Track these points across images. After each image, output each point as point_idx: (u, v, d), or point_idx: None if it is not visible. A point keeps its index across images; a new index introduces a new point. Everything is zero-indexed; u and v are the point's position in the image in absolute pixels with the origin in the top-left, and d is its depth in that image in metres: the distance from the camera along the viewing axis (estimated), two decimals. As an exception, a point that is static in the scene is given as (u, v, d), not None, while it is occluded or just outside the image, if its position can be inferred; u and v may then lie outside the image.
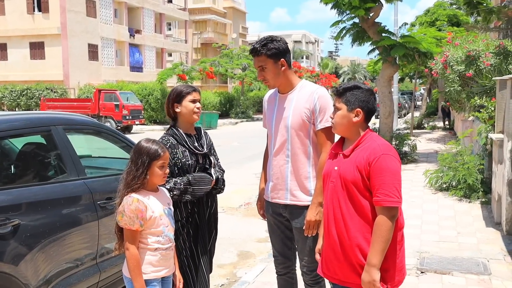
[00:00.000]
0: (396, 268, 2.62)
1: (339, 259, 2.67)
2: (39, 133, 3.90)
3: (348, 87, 2.72)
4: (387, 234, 2.49)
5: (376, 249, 2.50)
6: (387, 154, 2.55)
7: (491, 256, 5.53)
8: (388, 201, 2.48)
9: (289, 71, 3.31)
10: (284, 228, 3.50)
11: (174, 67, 32.26)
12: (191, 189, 3.27)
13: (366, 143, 2.63)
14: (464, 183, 8.29)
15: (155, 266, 2.83)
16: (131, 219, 2.72)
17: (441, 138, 19.33)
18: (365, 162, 2.56)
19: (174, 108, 3.43)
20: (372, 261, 2.50)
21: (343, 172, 2.64)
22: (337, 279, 2.73)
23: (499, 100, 7.07)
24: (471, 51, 11.37)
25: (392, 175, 2.51)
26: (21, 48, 37.68)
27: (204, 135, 3.59)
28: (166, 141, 3.36)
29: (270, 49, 3.19)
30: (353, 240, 2.60)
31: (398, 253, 2.64)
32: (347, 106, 2.68)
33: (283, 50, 3.24)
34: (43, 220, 3.43)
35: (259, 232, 7.23)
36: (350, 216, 2.61)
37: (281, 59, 3.24)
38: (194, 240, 3.40)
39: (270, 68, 3.23)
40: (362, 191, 2.58)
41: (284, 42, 3.29)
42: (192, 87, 3.48)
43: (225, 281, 5.37)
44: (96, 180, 4.14)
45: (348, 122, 2.69)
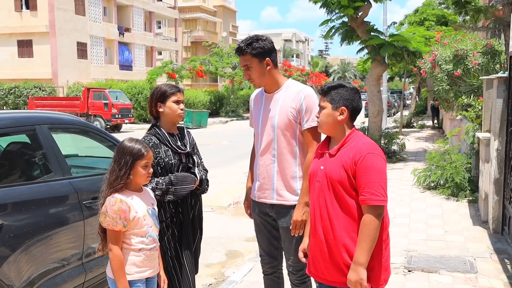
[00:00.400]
0: (381, 267, 2.63)
1: (325, 259, 2.67)
2: (23, 132, 3.86)
3: (332, 86, 2.72)
4: (373, 233, 2.50)
5: (363, 248, 2.50)
6: (372, 153, 2.56)
7: (478, 255, 5.57)
8: (374, 200, 2.49)
9: (275, 70, 3.30)
10: (270, 228, 3.49)
11: (164, 66, 32.13)
12: (173, 189, 3.26)
13: (352, 142, 2.64)
14: (452, 182, 8.34)
15: (139, 267, 2.81)
16: (114, 219, 2.70)
17: (430, 137, 19.42)
18: (350, 161, 2.56)
19: (157, 108, 3.40)
20: (359, 260, 2.51)
21: (329, 172, 2.64)
22: (324, 279, 2.73)
23: (486, 99, 7.12)
24: (459, 50, 11.44)
25: (378, 174, 2.52)
26: (8, 46, 37.31)
27: (187, 134, 3.57)
28: (148, 141, 3.33)
29: (255, 48, 3.19)
30: (339, 239, 2.60)
31: (384, 252, 2.64)
32: (332, 104, 2.68)
33: (268, 49, 3.23)
34: (27, 221, 3.40)
35: (247, 231, 7.21)
36: (336, 215, 2.61)
37: (266, 58, 3.23)
38: (178, 241, 3.39)
39: (255, 67, 3.23)
40: (348, 190, 2.58)
41: (270, 42, 3.27)
42: (176, 87, 3.45)
43: (213, 280, 5.36)
44: (82, 179, 4.10)
45: (333, 121, 2.69)
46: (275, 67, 3.30)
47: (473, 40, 12.11)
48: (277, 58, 3.36)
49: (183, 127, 3.62)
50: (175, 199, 3.31)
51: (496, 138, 6.25)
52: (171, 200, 3.30)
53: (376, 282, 2.61)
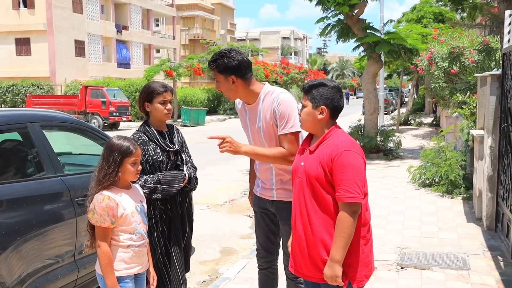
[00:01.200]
0: (360, 263, 2.64)
1: (304, 254, 2.71)
2: (15, 130, 3.87)
3: (313, 84, 2.74)
4: (348, 230, 2.52)
5: (338, 244, 2.53)
6: (349, 150, 2.58)
7: (471, 252, 5.59)
8: (348, 197, 2.51)
9: (243, 84, 3.25)
10: (269, 222, 3.55)
11: (162, 64, 32.04)
12: (161, 188, 3.29)
13: (331, 139, 2.67)
14: (447, 179, 8.36)
15: (128, 263, 2.83)
16: (102, 216, 2.72)
17: (427, 134, 19.44)
18: (328, 158, 2.59)
19: (144, 107, 3.44)
20: (334, 257, 2.54)
21: (307, 168, 2.67)
22: (302, 274, 2.78)
23: (480, 96, 7.13)
24: (454, 48, 11.45)
25: (354, 171, 2.54)
26: (6, 44, 37.25)
27: (176, 132, 3.60)
28: (137, 138, 3.37)
29: (219, 65, 3.19)
30: (317, 235, 2.64)
31: (363, 248, 2.66)
32: (312, 103, 2.71)
33: (233, 67, 3.19)
34: (19, 218, 3.41)
35: (242, 229, 7.24)
36: (315, 212, 2.64)
37: (231, 75, 3.20)
38: (168, 238, 3.41)
39: (222, 83, 3.25)
40: (325, 186, 2.61)
41: (236, 59, 3.20)
42: (163, 87, 3.45)
43: (206, 277, 5.37)
44: (74, 177, 4.12)
45: (313, 119, 2.72)
46: (244, 81, 3.25)
47: (470, 37, 12.11)
48: (248, 72, 3.26)
49: (172, 125, 3.65)
50: (163, 197, 3.33)
51: (490, 136, 6.27)
52: (159, 198, 3.32)
53: (354, 278, 2.63)
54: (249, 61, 3.28)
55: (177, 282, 3.41)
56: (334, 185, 2.58)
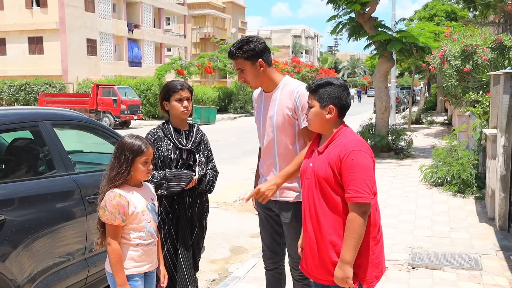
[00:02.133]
0: (370, 264, 2.62)
1: (314, 256, 2.70)
2: (26, 128, 3.89)
3: (320, 84, 2.70)
4: (359, 230, 2.50)
5: (348, 245, 2.51)
6: (358, 150, 2.55)
7: (483, 252, 5.53)
8: (358, 197, 2.49)
9: (269, 69, 3.28)
10: (273, 223, 3.51)
11: (173, 62, 32.13)
12: (166, 184, 3.31)
13: (339, 139, 2.64)
14: (459, 178, 8.28)
15: (137, 262, 2.83)
16: (113, 214, 2.72)
17: (438, 133, 19.30)
18: (336, 159, 2.56)
19: (163, 106, 3.49)
20: (345, 258, 2.52)
21: (316, 169, 2.65)
22: (313, 276, 2.76)
23: (493, 95, 7.05)
24: (467, 46, 11.34)
25: (363, 171, 2.51)
26: (19, 43, 37.59)
27: (196, 132, 3.62)
28: (154, 133, 3.47)
29: (246, 51, 3.17)
30: (326, 237, 2.62)
31: (373, 249, 2.63)
32: (320, 103, 2.68)
33: (260, 50, 3.21)
34: (30, 216, 3.43)
35: (253, 227, 7.22)
36: (324, 213, 2.62)
37: (259, 59, 3.21)
38: (175, 237, 3.43)
39: (248, 70, 3.22)
40: (334, 187, 2.58)
41: (261, 42, 3.24)
42: (180, 85, 3.48)
43: (216, 276, 5.38)
44: (85, 175, 4.14)
45: (321, 119, 2.69)
46: (269, 66, 3.28)
47: (483, 35, 12.00)
48: (271, 57, 3.32)
49: (194, 125, 3.68)
50: (168, 194, 3.35)
51: (503, 135, 6.20)
52: (164, 195, 3.35)
53: (364, 279, 2.61)
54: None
55: (183, 282, 3.41)
56: (343, 186, 2.55)
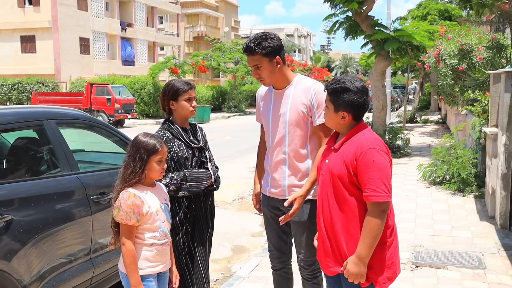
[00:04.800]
0: (382, 265, 2.60)
1: (327, 252, 2.70)
2: (31, 127, 3.84)
3: (335, 89, 2.63)
4: (376, 230, 2.48)
5: (365, 242, 2.49)
6: (374, 148, 2.52)
7: (486, 250, 5.54)
8: (376, 196, 2.47)
9: (284, 67, 3.24)
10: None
11: (167, 61, 32.06)
12: (187, 185, 3.26)
13: (355, 138, 2.61)
14: (458, 177, 8.29)
15: (151, 262, 2.80)
16: (128, 214, 2.69)
17: (434, 131, 19.36)
18: (352, 157, 2.54)
19: (169, 106, 3.42)
20: (361, 254, 2.50)
21: (331, 166, 2.64)
22: (325, 270, 2.77)
23: (492, 93, 7.07)
24: (463, 45, 11.37)
25: (379, 170, 2.49)
26: (11, 41, 37.33)
27: (199, 130, 3.60)
28: (162, 135, 3.36)
29: (265, 47, 3.11)
30: (338, 234, 2.61)
31: (387, 250, 2.61)
32: (334, 107, 2.65)
33: (278, 47, 3.17)
34: (36, 216, 3.39)
35: (253, 227, 7.21)
36: (336, 211, 2.61)
37: (276, 56, 3.16)
38: (191, 237, 3.39)
39: (265, 67, 3.15)
40: (348, 186, 2.56)
41: (278, 39, 3.21)
42: (188, 84, 3.43)
43: (219, 275, 5.35)
44: (89, 174, 4.10)
45: (336, 122, 2.69)
46: (284, 63, 3.24)
47: (478, 34, 12.04)
48: (285, 52, 3.29)
49: (195, 123, 3.64)
50: (189, 195, 3.30)
51: (504, 133, 6.21)
52: (185, 196, 3.29)
53: (376, 281, 2.60)
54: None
55: (200, 282, 3.38)
56: (360, 185, 2.53)
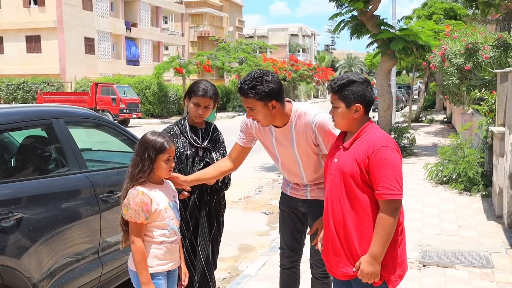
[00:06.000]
0: (394, 263, 2.60)
1: (336, 253, 2.67)
2: (40, 126, 3.85)
3: (343, 84, 2.63)
4: (389, 228, 2.48)
5: (379, 241, 2.48)
6: (386, 146, 2.53)
7: (493, 250, 5.52)
8: (389, 194, 2.47)
9: (281, 108, 3.00)
10: (296, 220, 3.47)
11: (171, 61, 31.99)
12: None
13: (366, 135, 2.61)
14: (465, 176, 8.27)
15: (161, 260, 2.80)
16: (136, 212, 2.69)
17: (439, 131, 19.32)
18: (364, 155, 2.53)
19: (185, 101, 3.50)
20: (375, 253, 2.49)
21: (341, 165, 2.62)
22: (333, 272, 2.74)
23: (500, 93, 7.05)
24: (469, 44, 11.34)
25: (392, 168, 2.49)
26: (17, 41, 37.46)
27: (212, 131, 3.63)
28: (170, 129, 3.49)
29: (259, 92, 2.87)
30: (350, 234, 2.59)
31: (398, 248, 2.61)
32: (345, 103, 2.63)
33: (275, 91, 2.91)
34: (45, 214, 3.40)
35: (259, 226, 7.22)
36: (348, 210, 2.60)
37: (272, 101, 2.92)
38: (194, 234, 3.42)
39: (259, 110, 2.94)
40: (360, 184, 2.56)
41: (276, 81, 2.93)
42: (203, 91, 3.41)
43: (226, 274, 5.36)
44: (97, 173, 4.09)
45: (349, 119, 2.65)
46: (282, 104, 3.00)
47: (483, 33, 12.00)
48: (284, 94, 3.03)
49: (211, 124, 3.67)
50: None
51: (511, 132, 6.19)
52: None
53: (389, 279, 2.59)
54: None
55: (205, 281, 3.41)
56: (372, 183, 2.52)
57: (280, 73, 44.68)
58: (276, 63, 44.19)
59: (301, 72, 49.68)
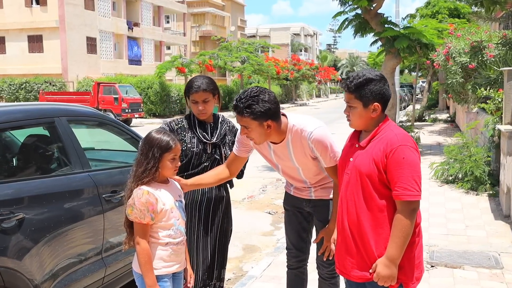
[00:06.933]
0: (412, 265, 2.52)
1: (351, 254, 2.58)
2: (42, 124, 3.79)
3: (360, 83, 2.52)
4: (407, 229, 2.39)
5: (396, 244, 2.40)
6: (404, 145, 2.43)
7: (502, 250, 5.44)
8: (407, 195, 2.38)
9: (277, 126, 2.91)
10: (302, 219, 3.41)
11: (173, 60, 31.95)
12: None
13: (383, 134, 2.51)
14: (471, 175, 8.17)
15: (166, 262, 2.71)
16: (142, 212, 2.60)
17: (443, 130, 19.24)
18: (381, 154, 2.44)
19: (187, 101, 3.42)
20: (393, 256, 2.41)
21: (358, 164, 2.53)
22: (347, 274, 2.64)
23: (507, 91, 6.97)
24: (474, 42, 11.25)
25: (411, 167, 2.40)
26: (19, 41, 37.46)
27: (220, 124, 3.53)
28: (179, 122, 3.42)
29: (255, 112, 2.77)
30: (366, 236, 2.50)
31: (415, 250, 2.53)
32: (363, 102, 2.53)
33: (271, 110, 2.80)
34: (48, 214, 3.33)
35: (263, 226, 7.14)
36: (364, 211, 2.50)
37: (268, 120, 2.82)
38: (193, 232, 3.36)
39: (254, 129, 2.84)
40: (377, 185, 2.46)
41: (272, 101, 2.82)
42: (196, 87, 3.32)
43: (231, 275, 5.28)
44: (100, 172, 4.03)
45: (367, 119, 2.56)
46: (278, 123, 2.90)
47: (487, 32, 11.91)
48: (280, 111, 2.92)
49: (218, 116, 3.56)
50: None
51: (519, 131, 6.11)
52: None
53: (407, 282, 2.51)
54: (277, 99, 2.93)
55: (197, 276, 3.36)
56: (390, 182, 2.43)
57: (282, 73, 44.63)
58: (278, 63, 44.11)
59: (303, 72, 49.64)
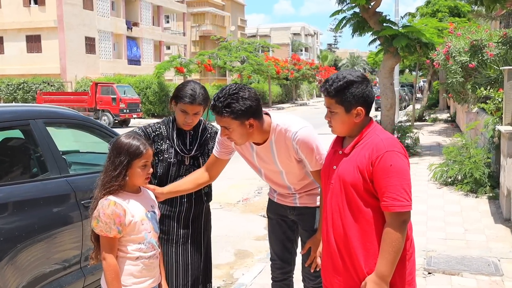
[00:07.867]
0: (403, 282, 2.30)
1: (337, 271, 2.37)
2: (16, 127, 3.60)
3: (340, 86, 2.29)
4: (398, 243, 2.17)
5: (387, 259, 2.18)
6: (392, 150, 2.21)
7: (502, 255, 5.24)
8: (397, 206, 2.16)
9: (259, 125, 2.71)
10: (286, 228, 3.21)
11: (172, 60, 31.80)
12: None
13: (368, 139, 2.29)
14: (471, 177, 7.97)
15: (137, 277, 2.50)
16: (108, 225, 2.39)
17: (443, 130, 19.05)
18: (367, 162, 2.22)
19: (171, 105, 3.07)
20: (383, 272, 2.19)
21: (341, 173, 2.31)
22: None
23: (507, 90, 6.77)
24: (474, 41, 11.06)
25: (399, 175, 2.18)
26: (17, 41, 37.27)
27: (201, 133, 3.20)
28: (156, 128, 3.12)
29: (235, 111, 2.57)
30: (353, 250, 2.29)
31: (407, 264, 2.31)
32: (344, 107, 2.30)
33: (252, 108, 2.61)
34: (20, 223, 3.15)
35: (257, 230, 6.95)
36: (350, 223, 2.29)
37: (250, 119, 2.63)
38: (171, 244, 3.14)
39: (235, 129, 2.64)
40: (363, 195, 2.25)
41: (253, 97, 2.63)
42: (191, 97, 2.94)
43: (221, 282, 5.09)
44: (80, 177, 3.84)
45: (349, 124, 2.33)
46: (260, 121, 2.71)
47: (488, 31, 11.72)
48: (261, 109, 2.72)
49: (200, 123, 3.21)
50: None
51: (520, 132, 5.92)
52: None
53: None
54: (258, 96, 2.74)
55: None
56: (377, 192, 2.22)
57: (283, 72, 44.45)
58: (278, 62, 43.94)
59: (304, 71, 49.46)
